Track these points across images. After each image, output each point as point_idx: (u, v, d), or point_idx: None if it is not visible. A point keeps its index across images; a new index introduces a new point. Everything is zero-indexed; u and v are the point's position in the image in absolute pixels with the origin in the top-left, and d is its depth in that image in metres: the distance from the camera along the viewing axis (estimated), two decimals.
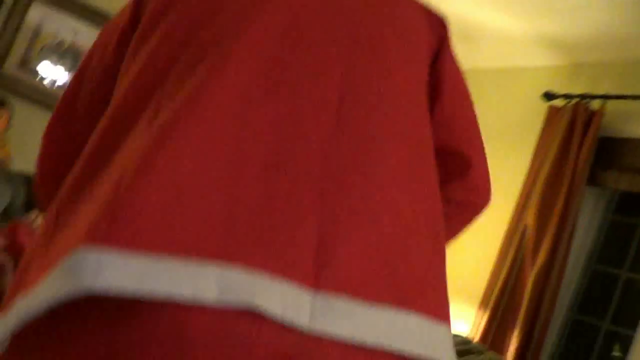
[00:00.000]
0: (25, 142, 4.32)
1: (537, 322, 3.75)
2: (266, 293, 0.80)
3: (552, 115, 4.07)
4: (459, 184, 1.20)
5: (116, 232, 0.79)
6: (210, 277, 0.78)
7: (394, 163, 0.96)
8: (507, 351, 3.83)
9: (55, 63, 4.76)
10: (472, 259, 4.20)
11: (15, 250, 3.39)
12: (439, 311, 0.95)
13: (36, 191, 1.25)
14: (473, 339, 3.85)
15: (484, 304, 4.03)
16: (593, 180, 3.83)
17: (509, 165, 4.18)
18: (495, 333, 3.91)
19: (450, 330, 0.97)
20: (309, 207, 0.87)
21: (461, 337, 3.68)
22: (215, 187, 0.84)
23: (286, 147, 0.89)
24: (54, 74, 4.77)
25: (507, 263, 3.90)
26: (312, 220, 0.87)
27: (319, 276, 0.84)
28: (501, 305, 3.89)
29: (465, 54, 1.10)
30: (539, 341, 3.72)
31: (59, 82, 4.77)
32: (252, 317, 0.80)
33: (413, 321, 0.90)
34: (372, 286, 0.88)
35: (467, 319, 4.14)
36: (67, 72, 4.76)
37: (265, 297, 0.80)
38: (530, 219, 3.89)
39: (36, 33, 4.69)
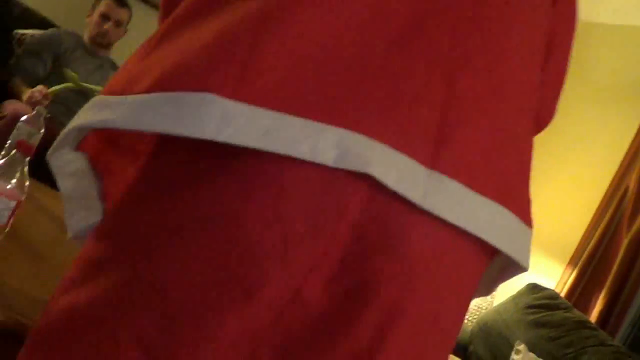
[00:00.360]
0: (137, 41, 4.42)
1: (625, 287, 3.68)
2: (383, 161, 0.82)
3: None
4: None
5: (243, 85, 0.80)
6: (329, 139, 0.80)
7: (515, 62, 0.96)
8: (591, 312, 3.78)
9: None
10: (567, 215, 4.13)
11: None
12: (528, 215, 0.96)
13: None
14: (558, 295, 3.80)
15: (573, 261, 3.97)
16: None
17: (616, 123, 4.06)
18: (580, 292, 3.86)
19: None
20: (435, 88, 0.87)
21: (551, 290, 3.63)
22: (343, 54, 0.84)
23: (419, 24, 0.89)
24: None
25: (603, 223, 3.82)
26: (437, 100, 0.87)
27: (437, 156, 0.85)
28: (591, 266, 3.83)
29: (583, 6, 1.06)
30: (624, 305, 3.66)
31: None
32: (354, 181, 0.82)
33: (509, 218, 0.91)
34: (481, 176, 0.88)
35: (554, 275, 4.10)
36: None
37: (381, 165, 0.81)
38: (632, 181, 3.79)
39: None
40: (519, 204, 0.94)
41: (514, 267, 0.97)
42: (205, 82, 0.81)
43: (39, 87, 3.38)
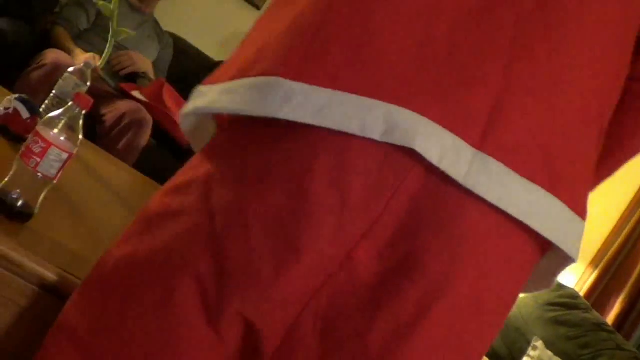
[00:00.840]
0: (182, 2, 4.42)
1: None
2: (429, 137, 0.85)
3: None
4: None
5: (305, 67, 0.88)
6: (378, 115, 0.85)
7: (584, 55, 0.95)
8: (608, 314, 3.77)
9: None
10: (592, 215, 4.10)
11: (156, 109, 3.49)
12: (582, 208, 0.96)
13: None
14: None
15: (594, 262, 3.96)
16: None
17: None
18: (600, 294, 3.85)
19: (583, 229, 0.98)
20: (492, 71, 0.89)
21: (571, 289, 3.63)
22: (403, 34, 0.88)
23: (486, 8, 0.91)
24: None
25: (629, 226, 3.80)
26: (493, 84, 0.88)
27: (485, 137, 0.87)
28: (612, 268, 3.81)
29: None
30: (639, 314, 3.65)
31: None
32: (408, 157, 0.86)
33: (558, 207, 0.91)
34: (531, 163, 0.89)
35: (574, 274, 4.08)
36: None
37: (427, 141, 0.84)
38: None
39: None
40: (572, 194, 0.93)
41: (563, 258, 0.97)
42: (275, 68, 0.89)
43: (90, 56, 3.38)
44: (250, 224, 0.88)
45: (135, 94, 3.47)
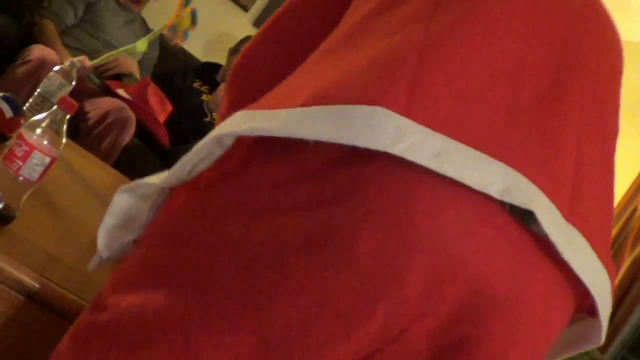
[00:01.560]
0: (169, 3, 4.39)
1: (621, 307, 3.69)
2: (540, 202, 0.84)
3: None
4: None
5: (413, 105, 0.82)
6: (497, 173, 0.82)
7: (611, 132, 1.03)
8: None
9: None
10: None
11: (140, 108, 3.47)
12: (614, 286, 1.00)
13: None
14: None
15: None
16: None
17: (631, 142, 4.05)
18: None
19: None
20: (571, 144, 0.91)
21: None
22: (497, 94, 0.88)
23: (561, 81, 0.93)
24: None
25: None
26: (573, 156, 0.91)
27: (572, 208, 0.88)
28: None
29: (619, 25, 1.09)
30: (618, 325, 3.68)
31: None
32: (511, 221, 0.84)
33: (608, 286, 0.93)
34: (598, 237, 0.92)
35: None
36: None
37: (539, 205, 0.83)
38: None
39: None
40: (612, 270, 0.96)
41: (585, 340, 1.00)
42: (374, 97, 0.82)
43: (82, 59, 3.36)
44: (291, 302, 0.82)
45: (120, 91, 3.46)
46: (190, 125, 3.71)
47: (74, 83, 2.07)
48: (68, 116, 1.31)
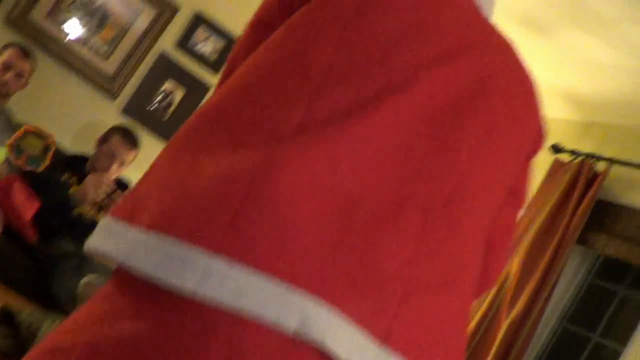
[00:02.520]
0: (36, 94, 4.33)
1: None
2: (338, 335, 0.87)
3: (556, 168, 4.06)
4: None
5: (228, 240, 0.86)
6: (294, 307, 0.85)
7: (465, 262, 1.03)
8: None
9: (81, 20, 4.74)
10: None
11: (5, 206, 3.41)
12: None
13: None
14: None
15: None
16: (582, 240, 3.81)
17: None
18: None
19: None
20: (398, 273, 0.93)
21: None
22: (324, 226, 0.89)
23: (391, 205, 0.94)
24: (78, 31, 4.75)
25: (483, 307, 3.90)
26: (398, 284, 0.93)
27: (390, 331, 0.91)
28: (468, 349, 3.89)
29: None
30: None
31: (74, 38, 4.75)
32: (311, 350, 0.86)
33: None
34: (427, 355, 0.96)
35: None
36: (88, 33, 4.74)
37: (337, 339, 0.86)
38: (514, 266, 3.89)
39: None
40: None
41: None
42: (195, 233, 0.86)
43: None
44: None
45: None
46: (57, 219, 3.71)
47: None
48: None
